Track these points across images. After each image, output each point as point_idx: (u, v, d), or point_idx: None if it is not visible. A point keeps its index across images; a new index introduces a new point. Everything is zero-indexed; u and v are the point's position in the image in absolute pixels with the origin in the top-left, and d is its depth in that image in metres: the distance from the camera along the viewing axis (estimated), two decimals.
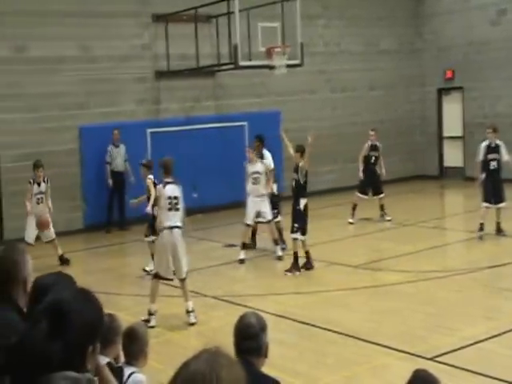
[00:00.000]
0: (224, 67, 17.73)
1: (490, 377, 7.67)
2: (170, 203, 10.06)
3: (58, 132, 16.80)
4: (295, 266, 12.35)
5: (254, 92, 20.16)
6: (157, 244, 10.59)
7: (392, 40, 23.41)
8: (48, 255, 13.65)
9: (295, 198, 12.48)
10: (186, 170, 18.39)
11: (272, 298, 11.24)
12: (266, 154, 14.13)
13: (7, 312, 3.60)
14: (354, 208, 16.80)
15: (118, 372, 4.68)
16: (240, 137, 18.96)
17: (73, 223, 16.97)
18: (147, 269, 12.65)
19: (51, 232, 13.84)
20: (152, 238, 12.07)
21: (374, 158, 16.98)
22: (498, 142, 14.44)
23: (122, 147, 17.37)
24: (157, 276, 10.23)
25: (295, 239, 12.37)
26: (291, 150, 12.81)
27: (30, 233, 13.80)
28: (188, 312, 10.09)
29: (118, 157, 17.27)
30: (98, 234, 16.89)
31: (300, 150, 12.46)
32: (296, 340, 9.33)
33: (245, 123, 19.51)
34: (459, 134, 23.08)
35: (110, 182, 17.13)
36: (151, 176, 12.38)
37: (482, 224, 14.28)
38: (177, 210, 10.07)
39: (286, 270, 12.37)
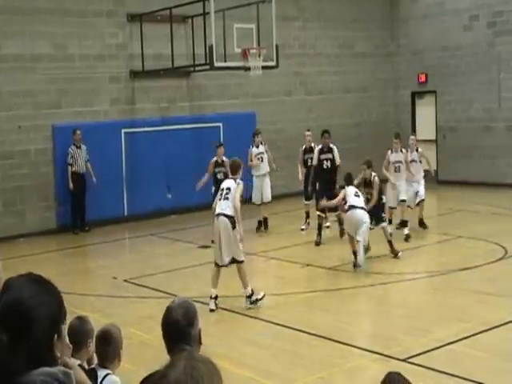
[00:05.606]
0: (199, 68, 17.69)
1: (462, 378, 7.73)
2: (221, 194, 10.86)
3: (31, 131, 16.64)
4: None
5: (229, 93, 20.15)
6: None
7: (367, 43, 23.52)
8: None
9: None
10: (161, 170, 18.41)
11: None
12: (334, 147, 15.25)
13: None
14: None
15: (91, 374, 4.66)
16: (215, 138, 18.90)
17: (46, 223, 16.81)
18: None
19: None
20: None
21: (310, 160, 16.08)
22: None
23: (84, 148, 16.96)
24: (215, 263, 10.76)
25: None
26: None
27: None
28: (247, 297, 10.64)
29: (80, 158, 16.90)
30: (71, 235, 16.76)
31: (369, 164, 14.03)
32: (270, 341, 9.32)
33: (220, 124, 19.49)
34: (432, 137, 23.24)
35: (71, 185, 16.71)
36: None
37: None
38: (226, 199, 10.71)
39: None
